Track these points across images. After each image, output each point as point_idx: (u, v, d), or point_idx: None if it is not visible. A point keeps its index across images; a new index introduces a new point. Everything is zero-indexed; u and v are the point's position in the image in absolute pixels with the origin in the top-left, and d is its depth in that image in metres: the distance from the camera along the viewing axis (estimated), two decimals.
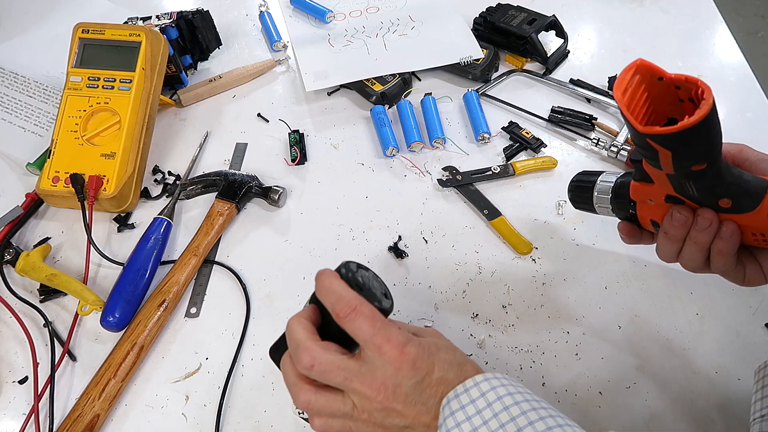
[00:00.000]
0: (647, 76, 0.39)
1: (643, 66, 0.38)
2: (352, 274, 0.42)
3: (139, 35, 0.71)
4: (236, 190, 0.69)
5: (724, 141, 0.44)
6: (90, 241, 0.64)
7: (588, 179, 0.54)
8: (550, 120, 0.77)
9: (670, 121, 0.40)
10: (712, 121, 0.35)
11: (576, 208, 0.58)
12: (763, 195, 0.41)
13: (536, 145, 0.74)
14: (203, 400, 0.57)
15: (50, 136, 0.70)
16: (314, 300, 0.44)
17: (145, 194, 0.73)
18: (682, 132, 0.35)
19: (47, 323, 0.61)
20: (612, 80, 0.79)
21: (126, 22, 0.81)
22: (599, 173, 0.54)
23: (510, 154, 0.73)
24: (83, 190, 0.66)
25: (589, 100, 0.79)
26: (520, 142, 0.74)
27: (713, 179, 0.40)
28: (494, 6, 0.87)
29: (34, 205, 0.71)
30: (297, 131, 0.77)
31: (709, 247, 0.44)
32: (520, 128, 0.76)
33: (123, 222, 0.70)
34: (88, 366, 0.59)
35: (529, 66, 0.84)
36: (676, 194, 0.44)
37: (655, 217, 0.48)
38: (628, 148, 0.70)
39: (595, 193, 0.53)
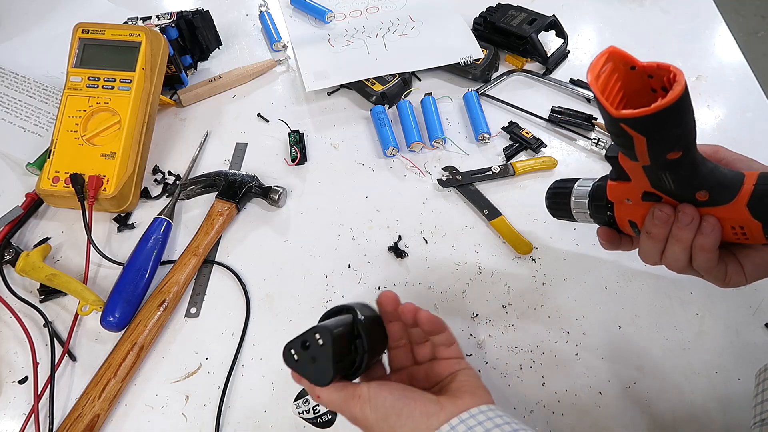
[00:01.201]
0: (619, 64, 0.38)
1: (615, 53, 0.38)
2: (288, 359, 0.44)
3: (139, 35, 0.71)
4: (236, 190, 0.69)
5: (700, 142, 0.44)
6: (90, 241, 0.64)
7: (565, 186, 0.54)
8: (550, 120, 0.77)
9: None
10: (685, 103, 0.35)
11: (554, 216, 0.57)
12: (739, 186, 0.40)
13: (536, 145, 0.74)
14: (203, 400, 0.57)
15: (50, 136, 0.70)
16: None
17: (145, 194, 0.73)
18: (655, 114, 0.35)
19: (47, 323, 0.61)
20: None
21: (126, 22, 0.81)
22: (576, 180, 0.53)
23: (510, 154, 0.73)
24: (83, 190, 0.66)
25: (589, 100, 0.79)
26: (520, 142, 0.74)
27: (689, 169, 0.40)
28: (494, 6, 0.87)
29: (34, 205, 0.71)
30: (297, 131, 0.77)
31: (692, 244, 0.44)
32: (520, 128, 0.76)
33: (123, 222, 0.70)
34: (88, 366, 0.59)
35: (529, 66, 0.84)
36: (653, 190, 0.43)
37: (633, 218, 0.47)
38: None
39: (573, 198, 0.52)
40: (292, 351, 0.43)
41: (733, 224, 0.42)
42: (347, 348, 0.44)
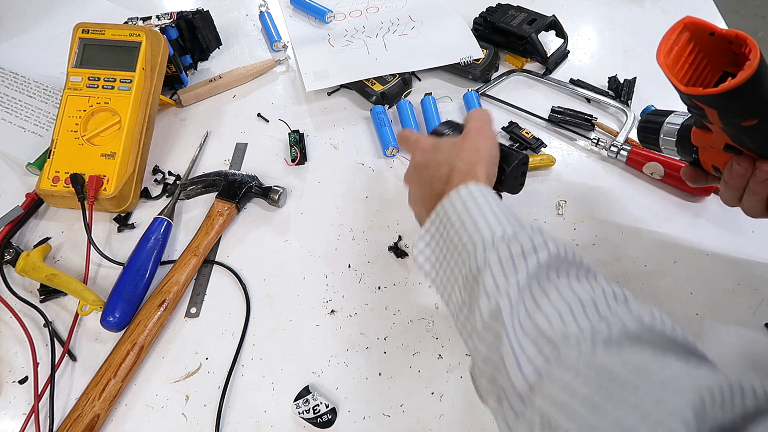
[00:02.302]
0: (696, 32, 0.38)
1: (692, 23, 0.38)
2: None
3: (139, 35, 0.71)
4: (236, 190, 0.69)
5: None
6: (90, 241, 0.64)
7: (656, 119, 0.54)
8: (550, 120, 0.77)
9: (725, 75, 0.40)
10: (757, 81, 0.34)
11: (644, 146, 0.59)
12: None
13: (536, 145, 0.73)
14: (203, 400, 0.57)
15: (50, 136, 0.70)
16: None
17: (145, 194, 0.73)
18: (724, 93, 0.35)
19: (47, 323, 0.61)
20: (612, 80, 0.79)
21: (126, 22, 0.81)
22: (668, 113, 0.53)
23: None
24: (83, 190, 0.66)
25: (589, 100, 0.79)
26: (520, 142, 0.74)
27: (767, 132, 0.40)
28: (494, 6, 0.87)
29: (34, 205, 0.71)
30: (297, 131, 0.77)
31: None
32: (520, 128, 0.76)
33: (123, 222, 0.70)
34: (88, 366, 0.59)
35: (529, 66, 0.84)
36: (733, 144, 0.43)
37: (716, 164, 0.47)
38: (629, 148, 0.70)
39: (662, 135, 0.53)
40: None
41: None
42: None
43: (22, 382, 0.59)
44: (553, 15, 0.83)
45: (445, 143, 0.53)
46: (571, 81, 0.81)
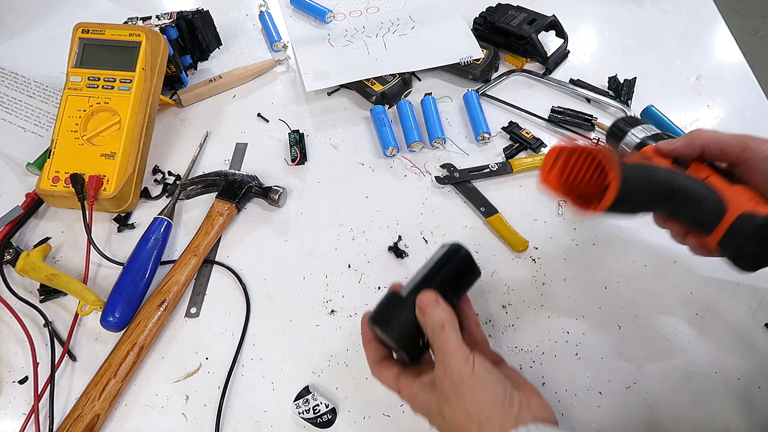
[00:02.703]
0: (573, 153, 0.45)
1: (563, 149, 0.45)
2: (380, 330, 0.47)
3: (139, 35, 0.71)
4: (236, 190, 0.69)
5: (731, 132, 0.46)
6: (90, 241, 0.64)
7: (623, 128, 0.56)
8: (550, 120, 0.77)
9: None
10: (621, 202, 0.41)
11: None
12: (716, 223, 0.45)
13: (536, 145, 0.73)
14: (203, 400, 0.57)
15: (50, 136, 0.70)
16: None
17: (145, 194, 0.73)
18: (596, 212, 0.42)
19: (47, 323, 0.61)
20: (612, 80, 0.79)
21: (126, 22, 0.81)
22: (636, 123, 0.56)
23: (510, 154, 0.73)
24: (83, 190, 0.66)
25: (589, 100, 0.79)
26: (520, 142, 0.74)
27: (666, 213, 0.46)
28: (494, 6, 0.87)
29: (34, 205, 0.71)
30: (297, 131, 0.77)
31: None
32: (520, 128, 0.76)
33: (123, 222, 0.70)
34: (88, 366, 0.59)
35: (529, 66, 0.84)
36: None
37: None
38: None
39: (622, 145, 0.56)
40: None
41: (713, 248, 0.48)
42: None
43: (22, 382, 0.59)
44: (553, 15, 0.83)
45: (429, 406, 0.43)
46: (571, 81, 0.81)
